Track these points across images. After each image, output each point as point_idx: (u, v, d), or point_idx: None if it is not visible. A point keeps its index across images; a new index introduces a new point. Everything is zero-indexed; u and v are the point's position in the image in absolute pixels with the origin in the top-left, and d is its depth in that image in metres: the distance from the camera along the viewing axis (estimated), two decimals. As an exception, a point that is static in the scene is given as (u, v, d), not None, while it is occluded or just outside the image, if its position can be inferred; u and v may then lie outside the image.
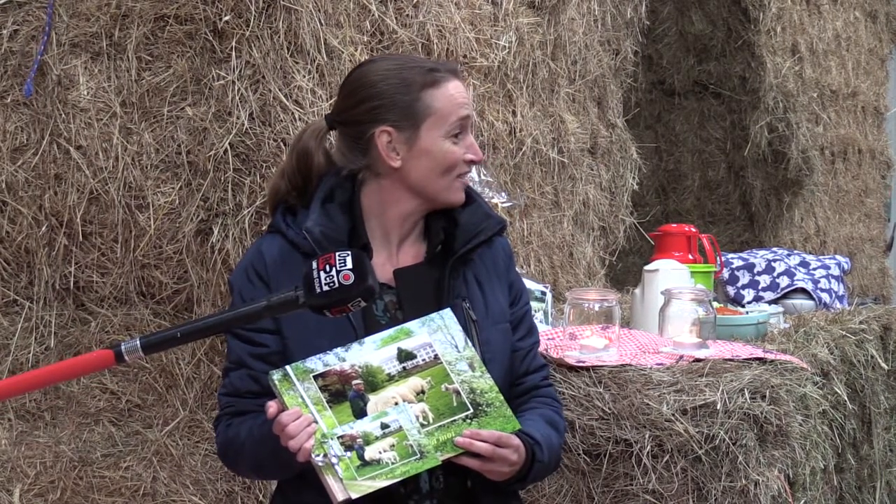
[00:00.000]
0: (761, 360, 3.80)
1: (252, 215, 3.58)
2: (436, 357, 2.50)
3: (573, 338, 3.77)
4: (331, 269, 2.29)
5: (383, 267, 2.63)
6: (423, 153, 2.59)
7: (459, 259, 2.64)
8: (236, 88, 3.57)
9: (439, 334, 2.52)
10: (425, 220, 2.68)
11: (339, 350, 2.47)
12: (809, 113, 7.95)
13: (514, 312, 2.72)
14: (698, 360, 3.74)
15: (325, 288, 2.28)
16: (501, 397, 2.51)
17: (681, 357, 3.77)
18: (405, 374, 2.48)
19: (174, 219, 3.67)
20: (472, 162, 2.63)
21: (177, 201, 3.66)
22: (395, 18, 3.94)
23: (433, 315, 2.54)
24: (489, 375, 2.52)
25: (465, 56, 4.23)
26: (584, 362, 3.67)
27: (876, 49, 9.63)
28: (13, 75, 3.78)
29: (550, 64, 4.95)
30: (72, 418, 3.77)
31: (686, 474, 3.48)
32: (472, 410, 2.47)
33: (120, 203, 3.68)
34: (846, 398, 4.32)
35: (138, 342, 2.22)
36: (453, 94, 2.60)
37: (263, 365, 2.56)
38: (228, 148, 3.58)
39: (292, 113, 3.57)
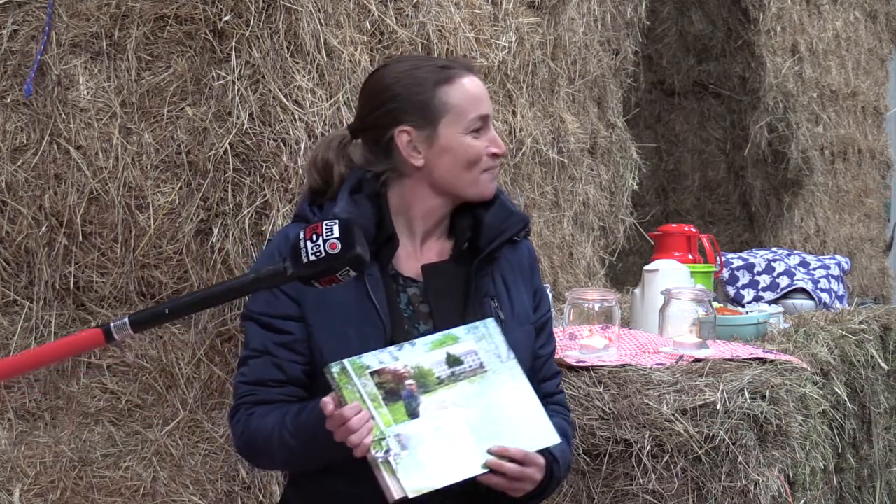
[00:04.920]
0: (761, 360, 3.80)
1: (252, 215, 3.58)
2: (481, 365, 2.52)
3: (573, 338, 3.77)
4: (317, 239, 2.25)
5: (408, 260, 2.65)
6: (445, 150, 2.60)
7: (486, 257, 2.65)
8: (236, 88, 3.57)
9: (484, 343, 2.54)
10: (451, 218, 2.70)
11: (392, 349, 2.48)
12: (809, 113, 7.95)
13: (539, 319, 2.74)
14: (698, 360, 3.74)
15: (312, 258, 2.24)
16: (543, 409, 2.53)
17: (681, 357, 3.77)
18: (454, 378, 2.49)
19: (174, 219, 3.67)
20: (495, 155, 2.64)
21: (177, 201, 3.66)
22: (395, 18, 3.94)
23: (478, 323, 2.56)
24: (531, 387, 2.54)
25: (464, 56, 4.23)
26: (584, 362, 3.67)
27: (876, 49, 9.62)
28: (13, 75, 3.78)
29: (550, 64, 4.95)
30: (72, 418, 3.77)
31: (686, 474, 3.48)
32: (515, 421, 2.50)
33: (120, 203, 3.68)
34: (846, 398, 4.32)
35: (127, 320, 2.17)
36: (469, 89, 2.62)
37: (288, 353, 2.57)
38: (228, 148, 3.58)
39: (292, 113, 3.57)
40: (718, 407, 3.45)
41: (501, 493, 2.54)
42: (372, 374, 2.44)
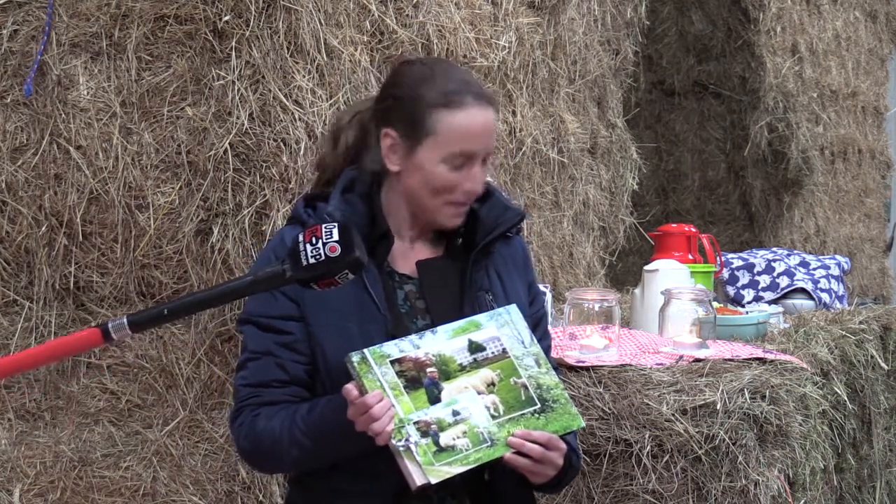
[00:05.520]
0: (761, 360, 3.80)
1: (252, 215, 3.58)
2: (504, 351, 2.53)
3: (573, 338, 3.77)
4: (317, 242, 2.26)
5: (402, 258, 2.65)
6: (418, 168, 2.58)
7: (480, 252, 2.65)
8: (236, 88, 3.57)
9: (506, 329, 2.55)
10: None
11: (413, 337, 2.49)
12: (809, 113, 7.95)
13: (533, 314, 2.74)
14: (698, 360, 3.74)
15: (312, 261, 2.26)
16: (566, 394, 2.55)
17: (681, 357, 3.77)
18: (476, 365, 2.50)
19: (174, 219, 3.67)
20: (468, 192, 2.58)
21: (177, 201, 3.66)
22: (395, 18, 3.94)
23: (500, 310, 2.57)
24: (554, 372, 2.57)
25: (464, 56, 4.23)
26: (584, 362, 3.67)
27: (876, 49, 9.62)
28: (13, 75, 3.78)
29: (550, 64, 4.95)
30: (72, 418, 3.77)
31: (686, 474, 3.48)
32: (539, 405, 2.50)
33: (120, 203, 3.68)
34: (846, 398, 4.32)
35: (125, 320, 2.18)
36: (465, 123, 2.55)
37: (290, 353, 2.57)
38: (228, 148, 3.58)
39: (292, 113, 3.57)
40: (718, 407, 3.45)
41: (505, 488, 2.55)
42: (392, 362, 2.45)
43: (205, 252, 3.65)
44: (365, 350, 2.45)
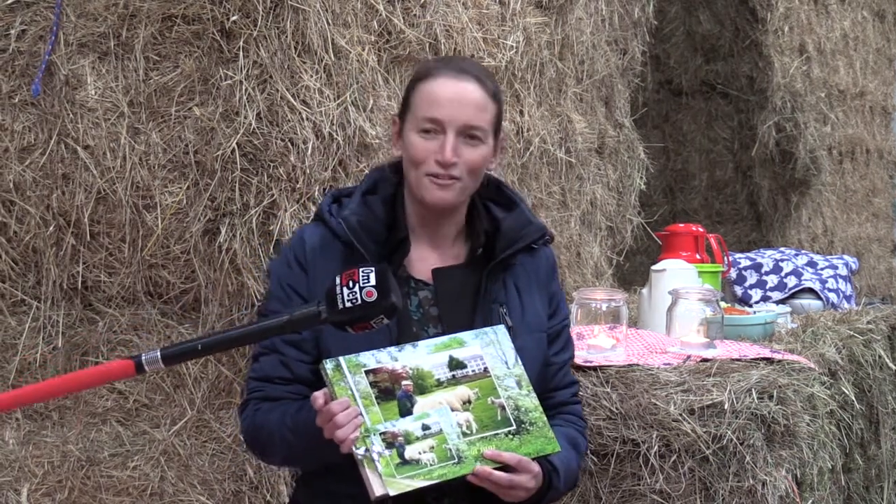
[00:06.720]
0: (769, 360, 3.80)
1: (259, 215, 3.58)
2: (485, 370, 2.53)
3: (580, 337, 3.77)
4: (354, 286, 2.30)
5: (421, 263, 2.66)
6: (404, 146, 2.63)
7: (499, 264, 2.65)
8: (244, 88, 3.57)
9: (491, 348, 2.55)
10: (468, 223, 2.69)
11: (392, 349, 2.50)
12: (817, 113, 7.95)
13: (553, 326, 2.73)
14: (706, 360, 3.74)
15: (348, 304, 2.30)
16: (545, 418, 2.54)
17: (688, 357, 3.76)
18: (454, 381, 2.50)
19: (181, 219, 3.67)
20: (438, 163, 2.57)
21: (184, 201, 3.66)
22: (403, 18, 3.94)
23: (487, 329, 2.57)
24: (535, 396, 2.55)
25: (472, 56, 4.23)
26: (591, 362, 3.67)
27: (884, 49, 9.62)
28: (21, 75, 3.78)
29: (558, 64, 4.95)
30: (79, 418, 3.77)
31: (693, 474, 3.47)
32: (514, 426, 2.50)
33: (127, 203, 3.69)
34: (854, 398, 4.32)
35: (158, 353, 2.25)
36: (435, 90, 2.58)
37: (296, 352, 2.60)
38: (236, 148, 3.58)
39: (300, 113, 3.57)
40: (726, 407, 3.45)
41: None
42: (367, 372, 2.46)
43: (212, 252, 3.66)
44: (340, 358, 2.46)
